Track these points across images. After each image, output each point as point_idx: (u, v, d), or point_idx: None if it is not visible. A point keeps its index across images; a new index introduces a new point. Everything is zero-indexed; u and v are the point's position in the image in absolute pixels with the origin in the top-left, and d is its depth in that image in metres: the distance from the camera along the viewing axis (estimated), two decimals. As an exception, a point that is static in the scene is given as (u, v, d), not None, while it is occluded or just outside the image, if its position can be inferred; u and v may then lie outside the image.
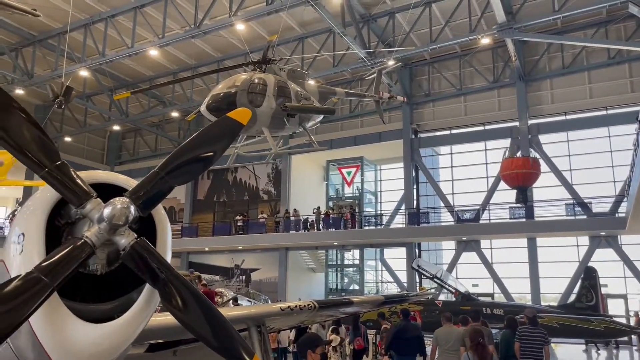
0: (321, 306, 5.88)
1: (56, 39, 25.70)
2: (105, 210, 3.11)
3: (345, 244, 30.65)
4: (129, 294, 3.73)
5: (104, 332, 3.30)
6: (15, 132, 3.09)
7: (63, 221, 3.56)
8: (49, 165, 3.17)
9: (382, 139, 30.91)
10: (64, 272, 2.97)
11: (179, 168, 3.52)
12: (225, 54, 28.57)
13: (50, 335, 3.21)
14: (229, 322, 3.39)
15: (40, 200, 3.49)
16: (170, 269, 3.30)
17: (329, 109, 12.63)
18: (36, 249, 3.22)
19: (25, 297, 2.88)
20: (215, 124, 3.84)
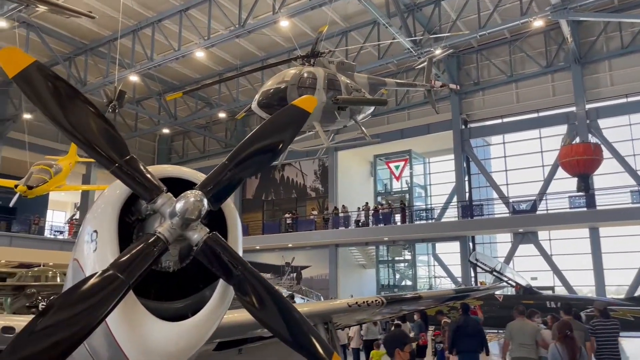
0: (389, 302, 5.65)
1: (106, 46, 26.43)
2: (178, 204, 2.98)
3: (396, 240, 30.18)
4: (201, 292, 3.61)
5: (180, 330, 3.18)
6: (85, 128, 2.99)
7: (134, 217, 3.47)
8: (118, 160, 3.09)
9: (431, 131, 30.25)
10: (139, 269, 2.85)
11: (247, 159, 3.37)
12: (269, 52, 28.64)
13: (127, 334, 3.12)
14: (306, 319, 3.22)
15: (111, 196, 3.40)
16: (245, 265, 3.16)
17: (381, 100, 12.34)
18: (109, 246, 3.14)
19: (103, 295, 2.77)
20: (281, 113, 3.68)
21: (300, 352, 3.09)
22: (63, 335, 2.53)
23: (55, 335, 2.49)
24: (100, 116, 3.20)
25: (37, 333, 2.45)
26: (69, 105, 3.05)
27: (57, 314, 2.66)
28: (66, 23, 25.19)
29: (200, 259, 3.12)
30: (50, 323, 2.56)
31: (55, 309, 2.69)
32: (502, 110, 29.04)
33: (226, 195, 3.25)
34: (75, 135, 3.06)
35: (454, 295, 7.66)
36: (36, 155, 23.98)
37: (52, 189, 19.92)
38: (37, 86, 3.03)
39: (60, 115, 3.03)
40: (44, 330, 2.48)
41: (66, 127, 3.03)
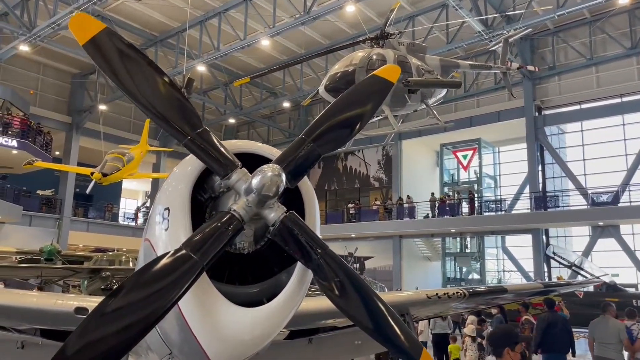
0: (471, 294, 5.22)
1: (175, 37, 27.04)
2: (254, 179, 2.72)
3: (464, 232, 29.17)
4: (276, 276, 3.36)
5: (256, 317, 2.93)
6: (157, 98, 2.79)
7: (206, 195, 3.25)
8: (191, 133, 2.87)
9: (501, 119, 28.92)
10: (213, 249, 2.65)
11: (325, 133, 3.06)
12: (334, 40, 28.29)
13: (200, 319, 2.91)
14: (393, 310, 2.88)
15: (183, 172, 3.21)
16: (325, 247, 2.90)
17: (454, 82, 11.72)
18: (182, 225, 2.93)
19: (175, 276, 2.56)
20: (362, 84, 3.37)
21: (386, 345, 2.85)
22: (134, 318, 2.35)
23: (126, 318, 2.33)
24: (172, 86, 3.01)
25: (108, 315, 2.31)
26: (140, 74, 2.89)
27: (128, 296, 2.49)
28: (137, 15, 26.00)
29: (277, 240, 2.87)
30: (121, 305, 2.37)
31: (126, 290, 2.52)
32: (580, 96, 27.26)
33: (304, 171, 3.00)
34: (146, 105, 2.90)
35: (542, 290, 7.08)
36: (110, 145, 24.97)
37: (125, 176, 20.61)
38: (108, 54, 2.87)
39: (131, 84, 2.87)
40: (114, 313, 2.33)
41: (137, 97, 2.87)
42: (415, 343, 2.98)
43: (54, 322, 3.88)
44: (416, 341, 3.05)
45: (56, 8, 21.87)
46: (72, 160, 31.13)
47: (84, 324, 2.25)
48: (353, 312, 2.78)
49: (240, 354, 3.14)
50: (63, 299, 3.84)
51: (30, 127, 27.35)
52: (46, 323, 3.94)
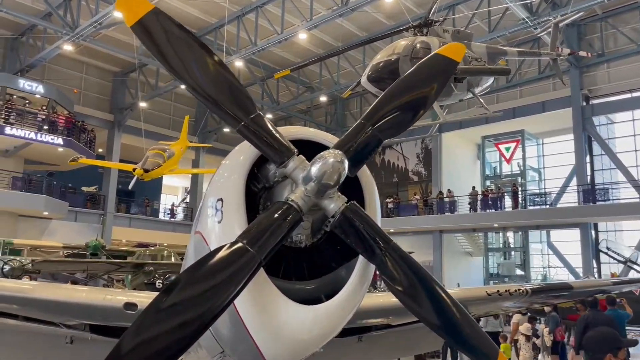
0: (535, 291, 4.88)
1: (213, 34, 27.19)
2: (314, 167, 2.52)
3: (507, 226, 28.35)
4: (335, 271, 3.14)
5: (316, 316, 2.73)
6: (208, 81, 2.64)
7: (260, 185, 3.05)
8: (244, 118, 2.67)
9: (546, 109, 27.92)
10: (271, 242, 2.46)
11: (387, 118, 2.82)
12: (371, 32, 27.88)
13: (256, 317, 2.73)
14: (463, 308, 2.68)
15: (236, 162, 3.02)
16: (389, 241, 2.65)
17: (503, 69, 11.26)
18: (237, 216, 2.74)
19: (232, 271, 2.40)
20: (425, 64, 3.13)
21: (459, 346, 2.69)
22: (190, 315, 2.21)
23: (182, 315, 2.20)
24: (225, 69, 2.84)
25: (163, 312, 2.18)
26: (191, 56, 2.72)
27: (184, 291, 2.33)
28: (176, 12, 26.20)
29: (337, 233, 2.66)
30: (176, 301, 2.23)
31: (181, 286, 2.36)
32: (631, 84, 26.06)
33: (364, 159, 2.79)
34: (198, 90, 2.75)
35: (610, 286, 6.62)
36: (151, 142, 25.33)
37: (166, 172, 20.88)
38: (157, 35, 2.72)
39: (181, 67, 2.71)
40: (169, 309, 2.20)
41: (188, 81, 2.71)
42: (490, 344, 2.75)
43: (103, 317, 3.79)
44: (491, 342, 2.81)
45: (98, 7, 22.26)
46: (115, 157, 31.81)
47: (139, 321, 2.14)
48: (422, 311, 2.60)
49: (297, 354, 2.96)
50: (112, 294, 3.75)
51: (74, 125, 28.06)
52: (95, 318, 3.86)
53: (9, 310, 3.79)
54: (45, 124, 26.44)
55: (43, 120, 26.59)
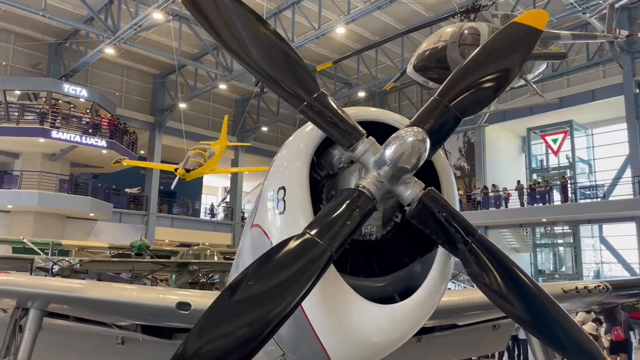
0: (616, 288, 4.44)
1: (250, 32, 27.16)
2: (389, 149, 2.24)
3: (556, 221, 27.27)
4: (408, 266, 2.84)
5: (395, 316, 2.46)
6: (268, 59, 2.43)
7: (323, 172, 2.78)
8: (307, 97, 2.40)
9: (596, 98, 26.71)
10: (342, 234, 2.22)
11: (465, 93, 2.50)
12: (410, 24, 27.28)
13: (325, 317, 2.47)
14: (560, 306, 2.41)
15: (296, 149, 2.77)
16: (475, 231, 2.34)
17: (558, 53, 10.68)
18: (301, 206, 2.49)
19: (302, 266, 2.16)
20: (503, 34, 2.82)
21: (558, 348, 2.40)
22: (259, 313, 2.02)
23: (250, 313, 2.01)
24: (284, 43, 2.57)
25: (229, 310, 2.02)
26: (247, 31, 2.48)
27: (250, 288, 2.11)
28: (213, 13, 26.32)
29: (414, 223, 2.41)
30: (242, 298, 2.06)
31: (247, 282, 2.12)
32: (689, 69, 24.60)
33: (441, 140, 2.51)
34: (255, 67, 2.49)
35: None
36: (191, 142, 25.54)
37: (207, 171, 20.93)
38: (209, 9, 2.49)
39: (237, 45, 2.47)
40: (236, 307, 2.03)
41: (244, 58, 2.46)
42: (591, 344, 2.42)
43: (156, 317, 3.61)
44: (592, 342, 2.47)
45: (137, 10, 22.56)
46: (156, 158, 32.31)
47: (203, 320, 1.99)
48: (517, 311, 2.32)
49: (369, 358, 2.67)
50: (164, 293, 3.56)
51: (117, 127, 28.63)
52: (147, 318, 3.69)
53: (59, 310, 3.65)
54: (89, 127, 27.06)
55: (87, 123, 27.22)
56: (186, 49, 28.08)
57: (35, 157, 27.24)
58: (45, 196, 25.48)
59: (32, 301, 3.49)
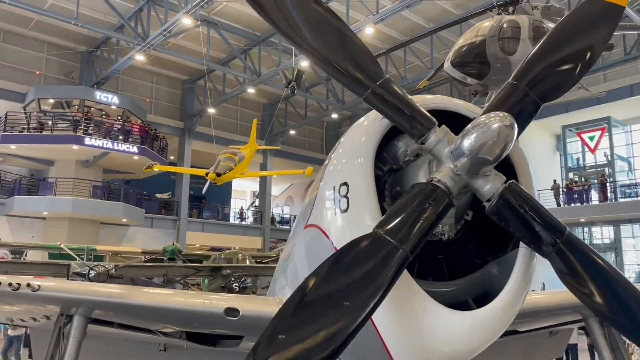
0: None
1: (277, 36, 27.15)
2: (468, 139, 2.00)
3: (595, 221, 26.40)
4: (483, 268, 2.61)
5: (475, 323, 2.23)
6: (329, 45, 2.27)
7: (385, 167, 2.56)
8: (372, 84, 2.19)
9: (635, 93, 25.82)
10: (417, 233, 2.03)
11: (543, 76, 2.27)
12: (438, 22, 26.87)
13: (395, 324, 2.27)
14: None
15: (358, 143, 2.57)
16: (564, 230, 2.10)
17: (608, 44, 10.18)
18: (367, 203, 2.26)
19: (375, 269, 1.92)
20: (580, 11, 2.59)
21: None
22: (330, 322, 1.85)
23: (324, 318, 1.85)
24: (345, 27, 2.39)
25: (301, 315, 1.86)
26: (308, 17, 2.29)
27: (319, 293, 1.90)
28: (241, 17, 26.42)
29: (495, 220, 2.19)
30: (314, 300, 1.89)
31: (316, 287, 1.92)
32: None
33: (521, 129, 2.20)
34: (315, 53, 2.30)
35: None
36: (220, 147, 25.62)
37: (237, 175, 20.93)
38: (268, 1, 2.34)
39: (295, 30, 2.27)
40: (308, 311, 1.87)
41: (304, 46, 2.27)
42: None
43: (203, 324, 3.44)
44: None
45: (166, 16, 22.75)
46: (186, 163, 32.55)
47: (273, 325, 1.84)
48: (611, 313, 2.13)
49: None
50: (210, 299, 3.40)
51: (148, 133, 28.96)
52: (194, 325, 3.52)
53: (103, 317, 3.52)
54: (120, 133, 27.44)
55: (119, 130, 27.60)
56: (214, 54, 28.25)
57: (69, 164, 27.73)
58: (79, 202, 25.91)
59: (76, 307, 3.36)
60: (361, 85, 2.30)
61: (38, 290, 3.17)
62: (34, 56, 29.02)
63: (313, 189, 2.94)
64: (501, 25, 9.82)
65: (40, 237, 25.95)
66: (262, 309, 3.48)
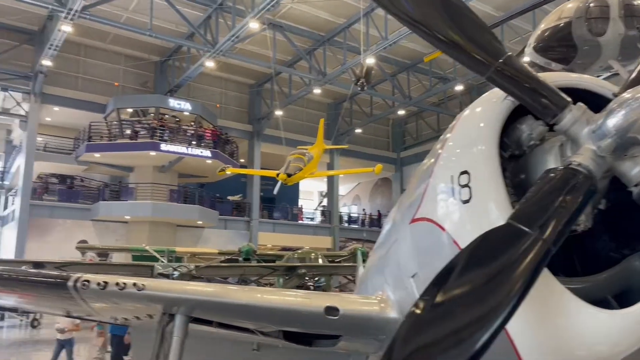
0: None
1: (341, 35, 27.12)
2: (613, 117, 1.87)
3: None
4: (622, 262, 2.34)
5: (625, 324, 1.99)
6: (442, 18, 2.09)
7: (506, 153, 2.35)
8: (495, 62, 1.98)
9: None
10: (559, 224, 1.81)
11: None
12: (507, 11, 25.82)
13: (530, 325, 2.04)
14: None
15: (476, 127, 2.38)
16: None
17: None
18: (494, 192, 2.11)
19: (513, 265, 1.70)
20: None
21: None
22: (468, 321, 1.69)
23: (456, 323, 1.69)
24: (461, 2, 2.22)
25: (439, 312, 1.73)
26: None
27: (455, 289, 1.79)
28: (306, 18, 26.63)
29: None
30: (448, 297, 1.75)
31: (452, 283, 1.84)
32: None
33: None
34: (429, 31, 2.12)
35: None
36: (287, 148, 25.91)
37: (307, 175, 21.05)
38: None
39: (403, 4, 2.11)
40: (440, 313, 1.72)
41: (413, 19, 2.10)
42: None
43: (302, 323, 3.37)
44: None
45: (234, 22, 23.29)
46: (256, 165, 33.24)
47: (409, 323, 1.73)
48: None
49: None
50: (308, 297, 3.32)
51: (220, 137, 29.80)
52: (294, 324, 3.46)
53: (203, 315, 3.53)
54: (194, 138, 28.40)
55: (192, 135, 28.58)
56: (280, 57, 28.65)
57: (147, 170, 29.05)
58: (158, 206, 27.09)
59: (177, 306, 3.39)
60: (483, 64, 2.11)
61: (143, 290, 3.20)
62: (112, 68, 30.69)
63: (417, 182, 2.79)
64: (588, 5, 9.14)
65: (123, 240, 27.37)
66: (363, 308, 3.35)
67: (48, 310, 5.96)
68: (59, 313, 4.85)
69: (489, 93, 2.38)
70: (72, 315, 4.46)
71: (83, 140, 28.55)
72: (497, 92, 2.26)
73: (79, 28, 24.49)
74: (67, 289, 3.22)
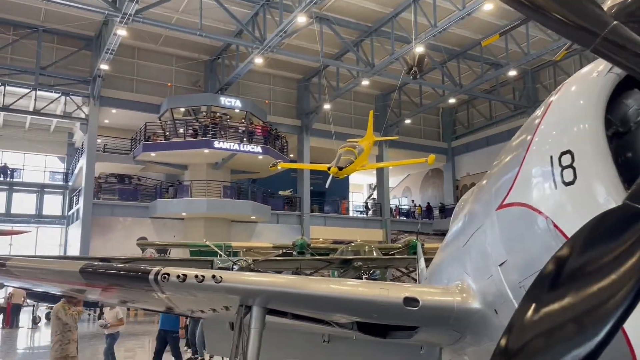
0: None
1: (389, 25, 26.74)
2: None
3: None
4: None
5: None
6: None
7: (609, 131, 2.19)
8: (601, 31, 1.81)
9: None
10: None
11: None
12: None
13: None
14: None
15: (577, 105, 2.22)
16: None
17: None
18: (603, 172, 1.94)
19: (636, 250, 1.49)
20: None
21: None
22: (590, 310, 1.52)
23: (577, 311, 1.53)
24: None
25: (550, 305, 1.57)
26: None
27: (573, 276, 1.61)
28: (352, 9, 26.41)
29: None
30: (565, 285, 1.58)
31: (568, 269, 1.65)
32: None
33: None
34: (541, 11, 1.99)
35: None
36: (337, 142, 25.82)
37: (358, 168, 20.86)
38: None
39: None
40: (558, 300, 1.57)
41: None
42: None
43: (380, 314, 3.31)
44: None
45: (282, 17, 23.37)
46: (305, 159, 33.36)
47: (526, 310, 1.59)
48: None
49: None
50: (387, 288, 3.25)
51: (270, 133, 30.08)
52: (372, 316, 3.41)
53: (279, 307, 3.52)
54: (245, 135, 28.79)
55: (243, 132, 28.98)
56: (327, 50, 28.52)
57: (201, 167, 29.71)
58: (212, 203, 27.67)
59: (254, 298, 3.39)
60: (589, 34, 1.95)
61: (221, 282, 3.22)
62: (164, 69, 31.51)
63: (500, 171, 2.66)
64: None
65: (180, 236, 28.12)
66: (444, 299, 3.24)
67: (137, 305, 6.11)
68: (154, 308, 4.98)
69: (587, 68, 2.22)
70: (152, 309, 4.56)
71: (139, 141, 29.50)
72: (595, 68, 2.11)
73: (133, 32, 25.24)
74: (148, 282, 3.29)
